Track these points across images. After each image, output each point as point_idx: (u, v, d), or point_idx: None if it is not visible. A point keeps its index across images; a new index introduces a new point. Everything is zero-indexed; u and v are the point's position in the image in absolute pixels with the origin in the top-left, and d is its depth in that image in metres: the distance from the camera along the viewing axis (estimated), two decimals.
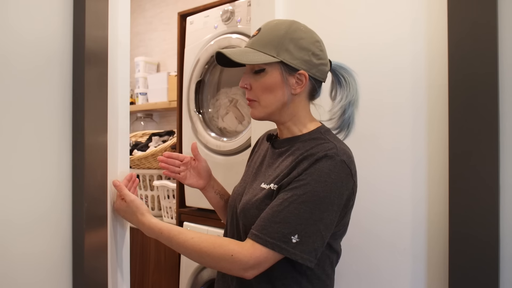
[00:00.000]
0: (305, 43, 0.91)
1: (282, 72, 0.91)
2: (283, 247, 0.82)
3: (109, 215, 0.98)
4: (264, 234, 0.83)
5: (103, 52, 0.94)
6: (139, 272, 2.23)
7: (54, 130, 0.86)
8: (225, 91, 1.93)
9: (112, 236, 1.00)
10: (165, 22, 2.94)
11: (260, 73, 0.92)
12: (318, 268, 0.91)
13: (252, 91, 0.94)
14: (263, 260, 0.83)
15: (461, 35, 1.00)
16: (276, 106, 0.93)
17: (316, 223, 0.83)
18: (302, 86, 0.92)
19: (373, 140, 1.20)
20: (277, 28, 0.92)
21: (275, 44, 0.90)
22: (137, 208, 0.97)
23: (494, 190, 0.94)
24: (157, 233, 0.93)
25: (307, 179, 0.84)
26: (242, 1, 1.79)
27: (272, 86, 0.91)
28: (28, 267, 0.83)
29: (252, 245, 0.83)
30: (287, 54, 0.90)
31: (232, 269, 0.85)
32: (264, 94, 0.92)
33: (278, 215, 0.83)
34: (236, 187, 1.08)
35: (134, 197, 0.99)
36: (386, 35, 1.19)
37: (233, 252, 0.83)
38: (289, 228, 0.82)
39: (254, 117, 0.96)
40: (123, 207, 0.99)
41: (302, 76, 0.91)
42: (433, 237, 1.09)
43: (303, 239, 0.82)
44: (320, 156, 0.85)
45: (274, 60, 0.89)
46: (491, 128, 0.95)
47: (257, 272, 0.85)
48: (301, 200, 0.83)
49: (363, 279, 1.22)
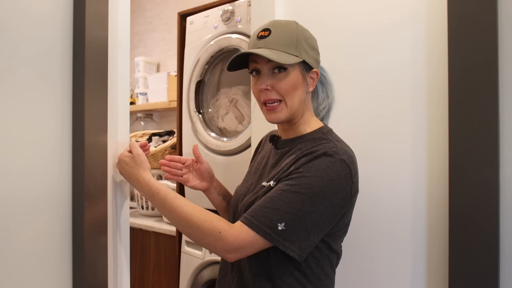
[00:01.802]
0: (313, 42, 0.96)
1: (302, 70, 0.93)
2: (268, 232, 0.82)
3: (109, 215, 0.98)
4: (252, 217, 0.84)
5: (103, 52, 0.94)
6: (139, 272, 2.23)
7: (54, 130, 0.86)
8: (225, 91, 1.93)
9: (112, 236, 1.00)
10: (165, 22, 2.94)
11: (282, 72, 0.91)
12: (317, 267, 0.91)
13: (273, 91, 0.92)
14: (248, 244, 0.83)
15: (461, 35, 1.00)
16: (299, 104, 0.94)
17: (305, 215, 0.83)
18: (314, 84, 0.96)
19: (373, 140, 1.20)
20: (288, 28, 0.92)
21: (294, 43, 0.91)
22: (141, 162, 0.96)
23: (494, 190, 0.94)
24: (153, 192, 0.92)
25: (304, 172, 0.85)
26: (242, 1, 1.79)
27: (296, 84, 0.92)
28: (28, 267, 0.83)
29: (240, 226, 0.84)
30: (305, 53, 0.92)
31: (216, 246, 0.84)
32: (290, 93, 0.92)
33: (270, 201, 0.84)
34: (238, 187, 1.08)
35: (142, 152, 0.98)
36: (386, 35, 1.19)
37: (221, 230, 0.83)
38: (277, 214, 0.82)
39: (278, 120, 0.94)
40: (127, 159, 0.97)
41: (315, 73, 0.96)
42: (433, 237, 1.09)
43: (289, 228, 0.82)
44: (320, 154, 0.86)
45: (299, 60, 0.91)
46: (491, 127, 0.95)
47: (240, 255, 0.84)
48: (293, 190, 0.84)
49: (363, 279, 1.22)
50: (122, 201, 1.04)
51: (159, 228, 2.10)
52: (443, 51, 1.06)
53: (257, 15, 1.43)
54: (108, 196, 0.98)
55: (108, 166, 0.97)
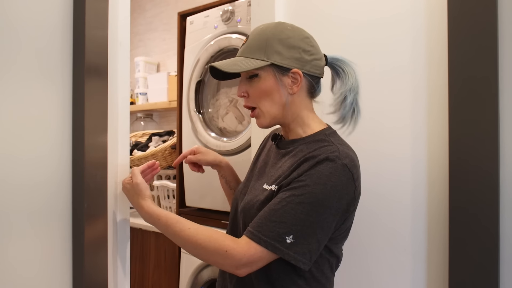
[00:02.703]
0: (293, 41, 0.91)
1: (275, 74, 0.91)
2: (277, 246, 0.81)
3: (109, 215, 0.98)
4: (259, 232, 0.83)
5: (103, 52, 0.94)
6: (139, 272, 2.23)
7: (54, 130, 0.86)
8: (225, 91, 1.93)
9: (112, 236, 1.00)
10: (165, 22, 2.94)
11: (254, 78, 0.92)
12: (317, 271, 0.91)
13: (250, 98, 0.95)
14: (257, 259, 0.83)
15: (461, 36, 1.00)
16: (277, 109, 0.93)
17: (312, 225, 0.82)
18: (298, 85, 0.92)
19: (374, 141, 1.20)
20: (263, 32, 0.92)
21: (263, 47, 0.90)
22: (140, 191, 0.97)
23: (494, 189, 0.94)
24: (155, 219, 0.93)
25: (307, 180, 0.84)
26: (242, 1, 1.79)
27: (267, 89, 0.92)
28: (28, 267, 0.83)
29: (247, 242, 0.83)
30: (276, 55, 0.90)
31: (224, 264, 0.84)
32: (262, 99, 0.93)
33: (275, 214, 0.83)
34: (240, 184, 1.08)
35: (141, 181, 0.99)
36: (386, 32, 1.19)
37: (227, 248, 0.83)
38: (285, 228, 0.82)
39: (262, 126, 0.96)
40: (128, 186, 0.99)
41: (296, 74, 0.91)
42: (434, 237, 1.09)
43: (298, 240, 0.82)
44: (321, 159, 0.85)
45: (264, 63, 0.89)
46: (491, 126, 0.95)
47: (250, 270, 0.84)
48: (298, 201, 0.83)
49: (363, 279, 1.22)
50: (122, 201, 1.04)
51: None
52: (443, 50, 1.06)
53: (257, 15, 1.43)
54: (108, 196, 0.98)
55: (108, 166, 0.97)
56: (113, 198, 1.02)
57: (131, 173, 1.02)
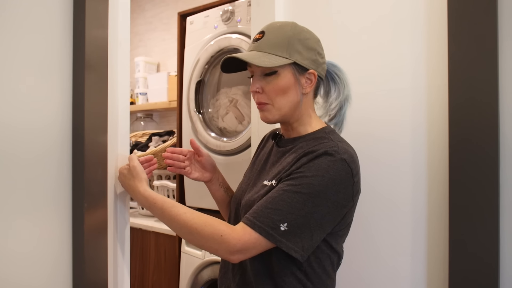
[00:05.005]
0: (311, 43, 0.93)
1: (294, 72, 0.92)
2: (270, 233, 0.82)
3: (109, 215, 0.98)
4: (254, 218, 0.83)
5: (103, 52, 0.94)
6: (139, 272, 2.23)
7: (54, 130, 0.86)
8: (225, 91, 1.93)
9: (112, 236, 1.00)
10: (165, 22, 2.94)
11: (272, 75, 0.92)
12: (319, 266, 0.91)
13: (264, 94, 0.94)
14: (251, 245, 0.83)
15: (461, 39, 1.00)
16: (290, 107, 0.93)
17: (307, 215, 0.83)
18: (311, 85, 0.94)
19: (371, 141, 1.20)
20: (283, 30, 0.92)
21: (286, 45, 0.90)
22: (137, 174, 0.97)
23: (494, 189, 0.94)
24: (151, 203, 0.92)
25: (305, 172, 0.85)
26: (242, 1, 1.79)
27: (285, 87, 0.92)
28: (28, 267, 0.83)
29: (242, 228, 0.84)
30: (297, 54, 0.91)
31: (219, 249, 0.84)
32: (278, 96, 0.93)
33: (271, 202, 0.84)
34: (240, 183, 1.08)
35: (138, 164, 0.98)
36: (386, 36, 1.19)
37: (223, 233, 0.83)
38: (280, 215, 0.82)
39: (268, 120, 0.96)
40: (125, 171, 0.99)
41: (312, 75, 0.93)
42: (434, 236, 1.09)
43: (292, 228, 0.82)
44: (320, 153, 0.86)
45: (288, 61, 0.90)
46: (491, 129, 0.95)
47: (243, 257, 0.84)
48: (295, 190, 0.83)
49: (363, 279, 1.22)
50: (122, 201, 1.04)
51: (159, 228, 2.10)
52: (442, 50, 1.06)
53: (257, 15, 1.43)
54: (108, 196, 0.98)
55: (108, 166, 0.97)
56: (113, 198, 1.02)
57: (128, 158, 1.01)
